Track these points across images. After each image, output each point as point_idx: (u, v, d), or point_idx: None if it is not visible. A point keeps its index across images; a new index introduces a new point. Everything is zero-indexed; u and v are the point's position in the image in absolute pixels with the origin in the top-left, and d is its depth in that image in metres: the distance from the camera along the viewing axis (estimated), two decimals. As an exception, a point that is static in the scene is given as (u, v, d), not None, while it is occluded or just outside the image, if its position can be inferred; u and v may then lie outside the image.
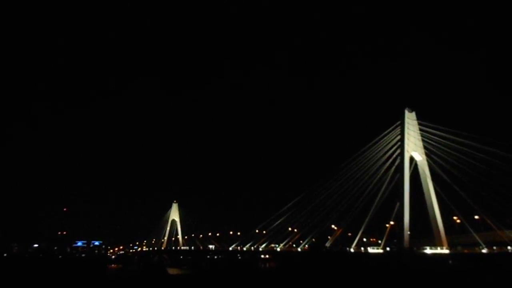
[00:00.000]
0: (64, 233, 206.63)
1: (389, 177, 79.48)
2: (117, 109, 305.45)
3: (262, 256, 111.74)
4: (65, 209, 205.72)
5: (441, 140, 74.78)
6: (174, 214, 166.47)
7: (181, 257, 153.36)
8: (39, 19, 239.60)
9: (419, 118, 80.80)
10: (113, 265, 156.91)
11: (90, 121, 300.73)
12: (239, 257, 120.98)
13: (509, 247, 67.67)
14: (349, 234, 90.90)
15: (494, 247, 70.42)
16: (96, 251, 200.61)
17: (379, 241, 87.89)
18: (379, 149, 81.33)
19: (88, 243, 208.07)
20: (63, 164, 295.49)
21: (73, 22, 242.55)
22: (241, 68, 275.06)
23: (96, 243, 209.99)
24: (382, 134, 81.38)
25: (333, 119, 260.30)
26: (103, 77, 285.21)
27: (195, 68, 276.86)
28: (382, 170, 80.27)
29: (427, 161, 78.55)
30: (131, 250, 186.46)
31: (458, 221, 75.87)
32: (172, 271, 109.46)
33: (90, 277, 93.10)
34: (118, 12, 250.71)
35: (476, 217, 73.36)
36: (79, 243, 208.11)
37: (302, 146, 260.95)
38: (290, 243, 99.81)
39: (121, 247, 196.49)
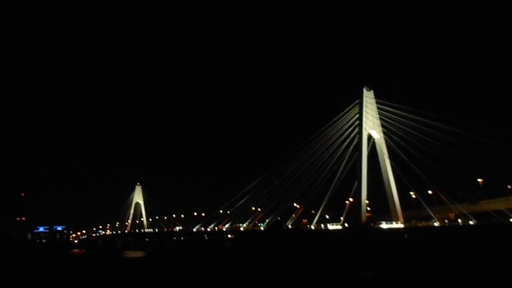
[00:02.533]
0: (23, 219, 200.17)
1: (348, 155, 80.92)
2: (78, 93, 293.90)
3: (229, 235, 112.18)
4: (22, 194, 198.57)
5: (398, 118, 76.32)
6: (138, 197, 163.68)
7: (147, 239, 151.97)
8: (35, 15, 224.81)
9: (377, 96, 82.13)
10: (75, 250, 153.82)
11: (50, 105, 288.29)
12: (206, 238, 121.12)
13: (459, 220, 70.91)
14: (312, 211, 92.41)
15: (446, 221, 73.62)
16: (58, 236, 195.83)
17: (342, 218, 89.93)
18: (338, 127, 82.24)
19: (50, 229, 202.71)
20: (20, 149, 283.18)
21: (69, 17, 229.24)
22: (201, 53, 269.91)
23: (59, 228, 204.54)
24: (341, 113, 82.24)
25: (292, 98, 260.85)
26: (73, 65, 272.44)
27: (166, 54, 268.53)
28: (342, 149, 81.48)
29: (385, 139, 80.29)
30: (94, 234, 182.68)
31: (414, 196, 78.62)
32: (134, 253, 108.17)
33: (49, 263, 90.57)
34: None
35: (430, 192, 76.09)
36: (41, 229, 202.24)
37: (263, 126, 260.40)
38: (256, 221, 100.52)
39: (83, 232, 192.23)
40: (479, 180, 71.45)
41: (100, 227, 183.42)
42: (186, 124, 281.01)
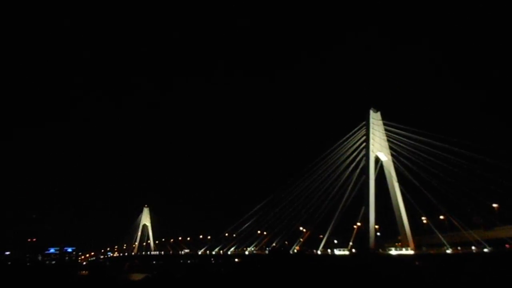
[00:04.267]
0: (34, 240, 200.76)
1: (355, 178, 78.53)
2: (86, 117, 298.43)
3: (236, 260, 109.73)
4: (34, 216, 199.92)
5: (407, 140, 74.13)
6: (145, 219, 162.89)
7: (154, 262, 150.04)
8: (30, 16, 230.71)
9: (384, 118, 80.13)
10: (83, 271, 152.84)
11: (59, 127, 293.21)
12: (213, 261, 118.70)
13: (473, 247, 67.39)
14: (320, 236, 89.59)
15: (459, 248, 70.10)
16: (67, 258, 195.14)
17: (351, 243, 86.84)
18: (345, 150, 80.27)
19: (61, 250, 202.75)
20: (31, 170, 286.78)
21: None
22: (203, 74, 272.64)
23: (69, 249, 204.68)
24: (348, 135, 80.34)
25: (298, 121, 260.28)
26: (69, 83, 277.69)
27: (159, 73, 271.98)
28: (348, 171, 79.29)
29: (393, 161, 77.84)
30: (102, 256, 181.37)
31: (425, 222, 75.54)
32: (140, 276, 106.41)
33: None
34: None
35: (442, 217, 72.98)
36: (52, 250, 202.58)
37: (269, 149, 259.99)
38: (262, 245, 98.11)
39: (92, 253, 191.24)
40: (494, 205, 68.18)
41: (108, 249, 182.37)
42: (193, 148, 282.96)
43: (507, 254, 61.21)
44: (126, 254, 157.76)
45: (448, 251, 68.68)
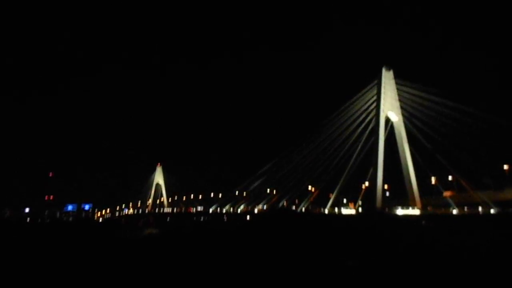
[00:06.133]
0: (51, 198, 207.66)
1: (364, 138, 78.20)
2: (102, 74, 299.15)
3: (248, 217, 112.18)
4: (50, 174, 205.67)
5: (418, 99, 73.03)
6: (159, 177, 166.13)
7: (168, 219, 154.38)
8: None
9: (397, 77, 78.44)
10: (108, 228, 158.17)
11: (76, 86, 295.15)
12: (225, 219, 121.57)
13: (480, 208, 67.44)
14: (330, 195, 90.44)
15: (466, 208, 70.25)
16: (84, 215, 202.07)
17: (360, 202, 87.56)
18: (356, 109, 79.42)
19: (79, 207, 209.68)
20: (47, 129, 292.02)
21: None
22: (221, 37, 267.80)
23: (86, 207, 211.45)
24: (358, 94, 79.21)
25: (311, 80, 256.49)
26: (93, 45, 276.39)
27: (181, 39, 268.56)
28: (359, 130, 78.89)
29: (404, 122, 76.99)
30: (117, 214, 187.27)
31: (433, 182, 75.48)
32: (150, 231, 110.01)
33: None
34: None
35: (450, 178, 72.77)
36: (70, 207, 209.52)
37: (281, 108, 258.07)
38: (272, 203, 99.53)
39: (108, 211, 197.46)
40: (505, 167, 67.37)
41: (124, 206, 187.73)
42: (206, 107, 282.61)
43: (508, 216, 61.12)
44: (140, 211, 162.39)
45: (454, 211, 68.93)
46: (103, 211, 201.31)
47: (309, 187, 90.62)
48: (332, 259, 32.06)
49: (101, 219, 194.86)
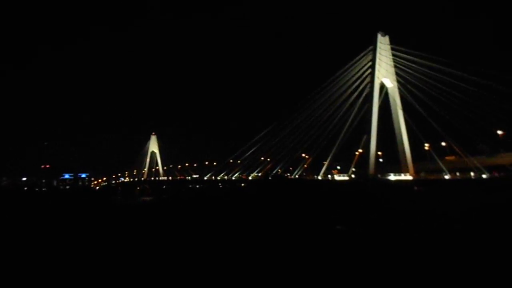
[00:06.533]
0: (47, 166, 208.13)
1: (359, 105, 77.58)
2: (94, 43, 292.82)
3: (243, 184, 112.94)
4: (45, 143, 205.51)
5: (414, 65, 71.70)
6: (153, 146, 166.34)
7: (164, 187, 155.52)
8: None
9: (393, 42, 77.03)
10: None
11: (68, 56, 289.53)
12: (220, 186, 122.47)
13: (472, 173, 67.96)
14: (324, 162, 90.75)
15: (458, 173, 70.79)
16: (80, 183, 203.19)
17: (353, 168, 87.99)
18: (351, 75, 78.31)
19: (75, 176, 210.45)
20: (42, 98, 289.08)
21: None
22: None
23: (83, 175, 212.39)
24: (354, 60, 77.92)
25: (305, 47, 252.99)
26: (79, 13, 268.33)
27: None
28: (353, 97, 78.16)
29: (398, 88, 76.15)
30: (114, 182, 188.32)
31: (427, 148, 75.65)
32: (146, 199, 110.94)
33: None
34: None
35: (443, 144, 72.90)
36: (66, 176, 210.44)
37: (274, 76, 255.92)
38: (266, 170, 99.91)
39: (104, 179, 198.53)
40: (499, 132, 67.31)
41: (119, 174, 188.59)
42: (199, 76, 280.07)
43: (504, 180, 61.66)
44: (136, 179, 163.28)
45: (446, 177, 69.46)
46: (100, 180, 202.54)
47: (303, 155, 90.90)
48: (321, 224, 32.37)
49: (97, 187, 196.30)
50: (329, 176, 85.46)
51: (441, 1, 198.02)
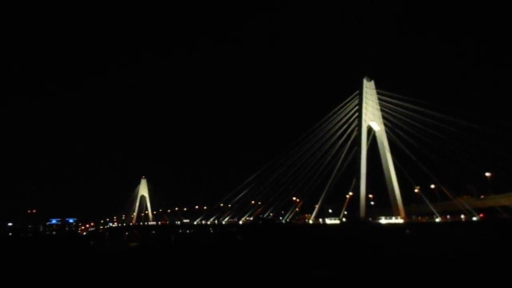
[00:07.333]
0: (34, 211, 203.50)
1: (347, 148, 78.25)
2: (83, 88, 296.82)
3: (235, 229, 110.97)
4: (33, 188, 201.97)
5: (400, 109, 73.03)
6: (143, 190, 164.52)
7: (153, 231, 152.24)
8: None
9: (378, 87, 78.94)
10: (91, 242, 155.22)
11: (57, 100, 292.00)
12: (211, 231, 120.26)
13: (462, 216, 67.73)
14: (315, 206, 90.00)
15: (448, 216, 70.56)
16: (67, 229, 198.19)
17: (345, 212, 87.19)
18: (338, 119, 79.51)
19: (63, 221, 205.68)
20: (29, 143, 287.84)
21: None
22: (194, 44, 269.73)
23: (71, 220, 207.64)
24: (341, 104, 79.41)
25: (292, 91, 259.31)
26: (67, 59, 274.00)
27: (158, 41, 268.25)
28: (341, 141, 78.92)
29: (386, 131, 77.23)
30: (101, 227, 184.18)
31: (417, 191, 75.78)
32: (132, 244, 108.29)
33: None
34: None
35: (432, 186, 73.17)
36: (53, 221, 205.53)
37: (263, 121, 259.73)
38: (257, 214, 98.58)
39: (92, 224, 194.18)
40: (487, 174, 67.86)
41: (108, 219, 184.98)
42: (189, 120, 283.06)
43: (494, 222, 61.45)
44: (124, 224, 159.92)
45: (437, 220, 69.09)
46: (88, 225, 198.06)
47: (294, 198, 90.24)
48: (302, 270, 31.51)
49: (84, 232, 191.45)
50: (320, 220, 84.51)
51: (426, 44, 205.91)
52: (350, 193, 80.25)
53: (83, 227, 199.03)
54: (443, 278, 28.63)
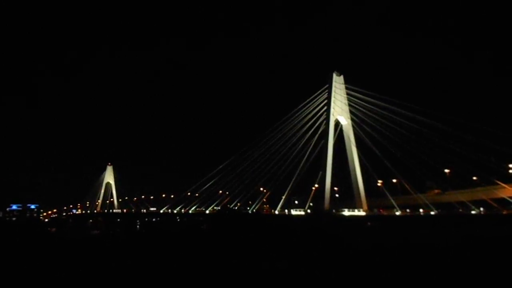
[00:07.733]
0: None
1: (314, 141, 79.33)
2: (55, 72, 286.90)
3: (201, 218, 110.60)
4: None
5: (367, 104, 74.89)
6: (109, 177, 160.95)
7: (118, 220, 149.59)
8: None
9: (347, 82, 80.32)
10: (53, 229, 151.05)
11: (26, 87, 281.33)
12: (178, 219, 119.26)
13: (421, 210, 70.34)
14: (282, 196, 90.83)
15: (408, 210, 73.12)
16: (28, 215, 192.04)
17: (310, 203, 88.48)
18: (307, 112, 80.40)
19: (24, 207, 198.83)
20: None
21: None
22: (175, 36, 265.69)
23: (32, 206, 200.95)
24: (310, 98, 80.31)
25: (262, 83, 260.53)
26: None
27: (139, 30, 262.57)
28: (309, 134, 79.91)
29: (352, 125, 78.78)
30: (64, 214, 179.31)
31: (379, 185, 77.83)
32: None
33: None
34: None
35: (394, 180, 75.32)
36: (14, 207, 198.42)
37: (232, 111, 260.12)
38: (224, 204, 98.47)
39: (54, 211, 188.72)
40: (446, 170, 70.48)
41: (71, 206, 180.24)
42: (157, 108, 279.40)
43: (450, 217, 64.17)
44: (89, 211, 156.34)
45: (397, 213, 71.41)
46: (50, 211, 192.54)
47: (261, 189, 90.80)
48: (258, 263, 31.93)
49: (47, 219, 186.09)
50: (286, 210, 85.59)
51: (396, 42, 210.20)
52: (316, 185, 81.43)
53: (45, 214, 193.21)
54: (395, 268, 29.59)
